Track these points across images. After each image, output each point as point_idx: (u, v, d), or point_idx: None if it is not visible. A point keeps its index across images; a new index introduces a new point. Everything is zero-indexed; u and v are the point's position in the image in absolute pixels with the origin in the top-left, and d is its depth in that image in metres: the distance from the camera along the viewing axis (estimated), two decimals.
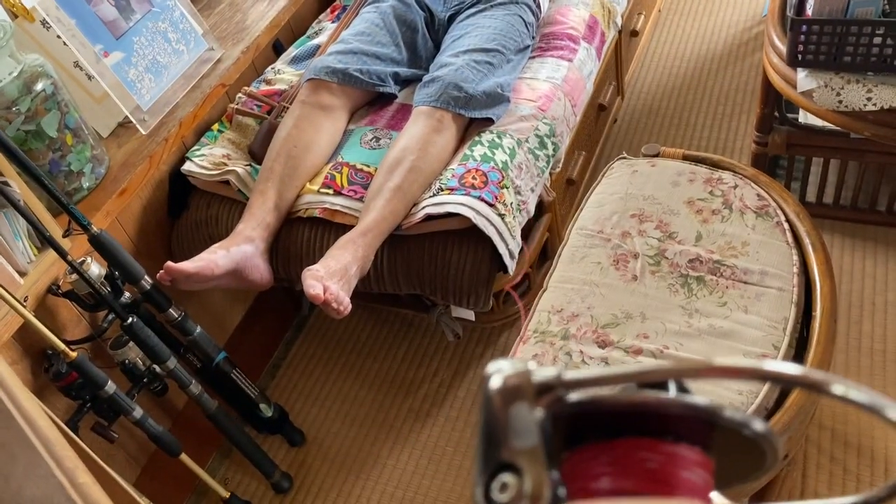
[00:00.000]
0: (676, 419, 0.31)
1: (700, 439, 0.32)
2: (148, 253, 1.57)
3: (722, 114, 2.18)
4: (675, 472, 0.31)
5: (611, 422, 0.31)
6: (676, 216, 1.25)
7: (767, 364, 0.32)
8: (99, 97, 1.56)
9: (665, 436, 0.31)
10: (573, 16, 1.83)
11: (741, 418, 0.32)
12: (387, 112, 1.68)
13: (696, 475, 0.32)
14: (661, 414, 0.31)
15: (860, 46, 1.24)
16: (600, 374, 0.32)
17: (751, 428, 0.32)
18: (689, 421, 0.31)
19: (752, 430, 0.32)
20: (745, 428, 0.32)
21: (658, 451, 0.31)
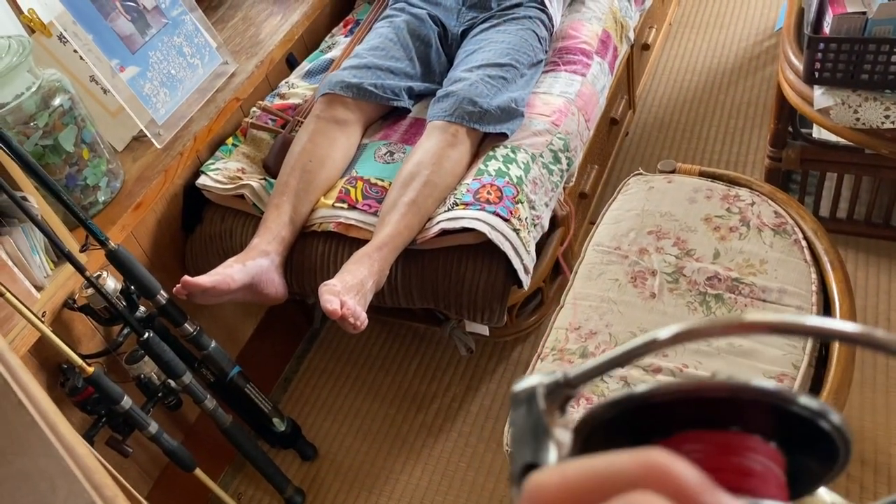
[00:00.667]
0: (740, 408, 0.28)
1: (765, 433, 0.29)
2: (162, 267, 1.57)
3: (734, 128, 2.18)
4: (752, 465, 0.28)
5: (671, 415, 0.29)
6: (694, 233, 1.25)
7: (810, 319, 0.29)
8: (114, 111, 1.57)
9: (729, 427, 0.28)
10: (586, 31, 1.83)
11: (819, 406, 0.28)
12: (400, 126, 1.69)
13: (778, 472, 0.29)
14: (724, 402, 0.28)
15: (878, 64, 1.24)
16: (604, 358, 0.30)
17: (828, 419, 0.28)
18: (755, 411, 0.28)
19: (829, 422, 0.28)
20: (822, 418, 0.28)
21: (730, 444, 0.28)
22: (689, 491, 0.20)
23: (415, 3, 1.81)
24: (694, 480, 0.20)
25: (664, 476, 0.20)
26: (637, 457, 0.21)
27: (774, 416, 0.28)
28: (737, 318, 0.29)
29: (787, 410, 0.28)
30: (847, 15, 1.23)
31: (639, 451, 0.21)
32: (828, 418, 0.28)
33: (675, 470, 0.20)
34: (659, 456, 0.21)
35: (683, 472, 0.20)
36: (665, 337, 0.30)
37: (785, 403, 0.28)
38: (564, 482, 0.20)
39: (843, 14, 1.23)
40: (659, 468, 0.20)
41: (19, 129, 1.30)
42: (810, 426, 0.28)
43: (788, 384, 1.05)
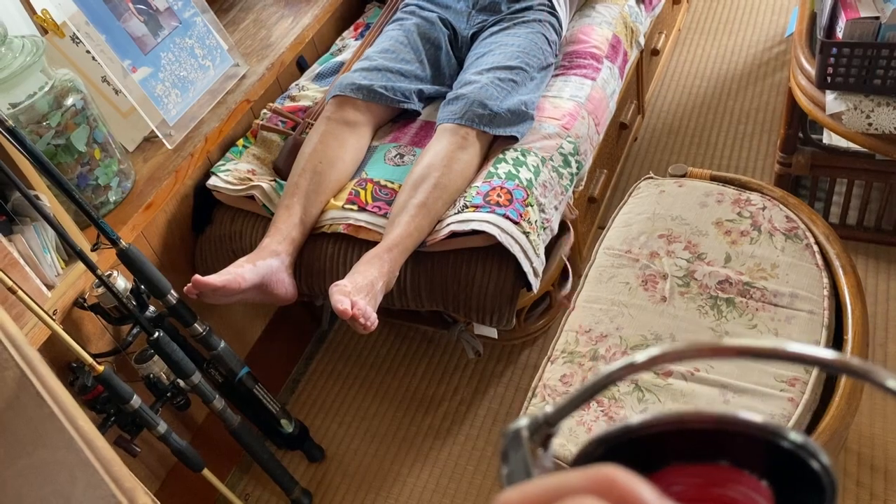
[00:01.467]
0: (726, 442, 0.28)
1: (756, 469, 0.29)
2: (172, 267, 1.57)
3: (743, 133, 2.17)
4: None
5: (664, 448, 0.29)
6: (705, 237, 1.25)
7: (790, 345, 0.28)
8: (126, 112, 1.57)
9: (716, 460, 0.28)
10: (596, 35, 1.83)
11: (812, 445, 0.28)
12: (410, 129, 1.69)
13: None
14: (715, 436, 0.28)
15: (891, 69, 1.24)
16: (580, 389, 0.31)
17: (819, 460, 0.28)
18: (745, 445, 0.28)
19: (819, 463, 0.28)
20: (814, 459, 0.28)
21: (717, 478, 0.28)
22: (633, 498, 0.21)
23: (425, 7, 1.81)
24: (639, 489, 0.21)
25: (610, 485, 0.22)
26: (588, 471, 0.22)
27: (764, 450, 0.28)
28: (712, 343, 0.29)
29: (775, 445, 0.28)
30: (860, 20, 1.23)
31: (591, 467, 0.23)
32: (816, 457, 0.28)
33: (621, 479, 0.22)
34: (608, 469, 0.22)
35: (628, 481, 0.22)
36: (642, 360, 0.31)
37: (771, 437, 0.28)
38: (523, 497, 0.22)
39: (856, 19, 1.23)
40: (605, 478, 0.22)
41: (32, 129, 1.30)
42: (797, 462, 0.28)
43: (800, 389, 1.05)
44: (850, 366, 0.28)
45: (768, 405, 1.02)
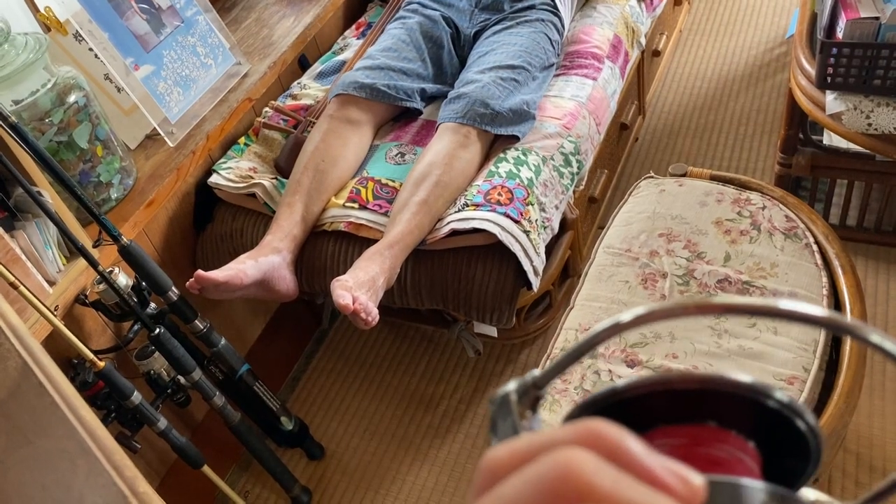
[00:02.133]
0: (717, 403, 0.28)
1: (743, 430, 0.29)
2: (173, 264, 1.58)
3: (744, 134, 2.18)
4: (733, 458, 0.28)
5: (652, 411, 0.29)
6: (705, 236, 1.25)
7: (782, 302, 0.28)
8: (128, 109, 1.58)
9: (703, 421, 0.28)
10: (598, 35, 1.84)
11: (797, 405, 0.28)
12: (412, 128, 1.69)
13: (750, 462, 0.29)
14: (703, 397, 0.28)
15: (891, 70, 1.24)
16: (568, 350, 0.31)
17: (805, 419, 0.28)
18: (732, 406, 0.28)
19: (805, 423, 0.28)
20: (799, 418, 0.28)
21: (710, 439, 0.28)
22: (619, 448, 0.21)
23: (427, 5, 1.82)
24: (625, 439, 0.22)
25: (596, 437, 0.22)
26: (575, 425, 0.22)
27: (751, 412, 0.28)
28: (698, 300, 0.29)
29: (762, 406, 0.28)
30: (860, 20, 1.23)
31: (578, 422, 0.23)
32: (802, 416, 0.28)
33: (607, 431, 0.22)
34: (594, 423, 0.22)
35: (615, 432, 0.22)
36: (627, 319, 0.30)
37: (756, 395, 0.28)
38: (511, 451, 0.22)
39: (856, 19, 1.23)
40: (592, 431, 0.22)
41: (34, 126, 1.31)
42: (784, 424, 0.28)
43: (798, 387, 1.05)
44: (837, 322, 0.28)
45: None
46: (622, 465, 0.21)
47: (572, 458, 0.20)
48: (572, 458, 0.20)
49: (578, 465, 0.20)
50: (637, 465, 0.21)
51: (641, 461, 0.21)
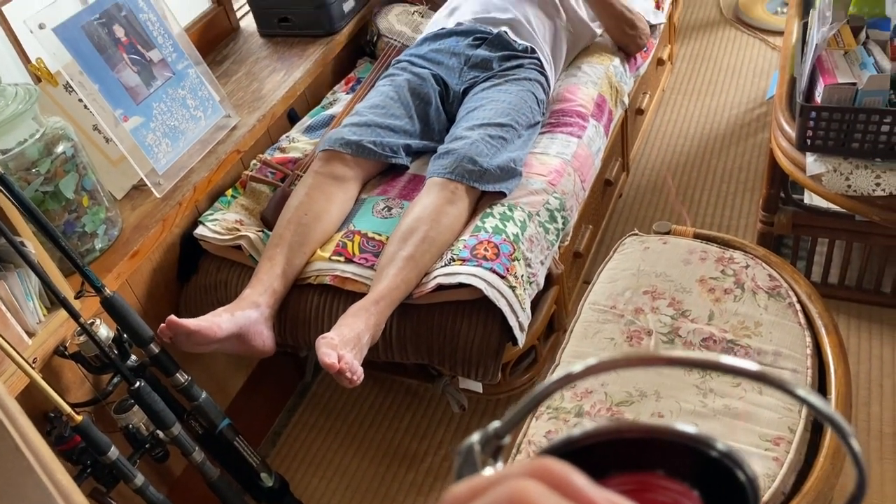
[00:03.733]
0: (661, 453, 0.30)
1: (686, 478, 0.31)
2: (156, 316, 1.56)
3: (726, 192, 2.21)
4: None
5: (609, 459, 0.31)
6: (689, 294, 1.26)
7: (723, 358, 0.32)
8: (116, 160, 1.58)
9: (652, 469, 0.30)
10: (582, 94, 1.87)
11: (736, 455, 0.30)
12: (399, 182, 1.71)
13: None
14: (645, 445, 0.31)
15: (868, 133, 1.27)
16: (525, 401, 0.33)
17: (744, 470, 0.30)
18: (675, 456, 0.30)
19: (745, 474, 0.30)
20: (739, 469, 0.30)
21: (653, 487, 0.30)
22: (564, 480, 0.24)
23: (417, 63, 1.85)
24: (570, 473, 0.24)
25: (545, 471, 0.24)
26: (526, 462, 0.25)
27: (696, 462, 0.30)
28: (642, 353, 0.32)
29: (706, 456, 0.30)
30: (838, 85, 1.26)
31: (530, 460, 0.26)
32: (741, 467, 0.29)
33: (554, 466, 0.25)
34: (543, 459, 0.25)
35: (562, 468, 0.25)
36: (578, 370, 0.33)
37: (699, 446, 0.30)
38: (470, 485, 0.25)
39: (833, 84, 1.27)
40: (541, 466, 0.25)
41: (21, 175, 1.30)
42: (726, 474, 0.30)
43: (784, 448, 1.05)
44: (765, 376, 0.31)
45: (753, 465, 1.02)
46: (567, 495, 0.24)
47: (523, 487, 0.23)
48: (523, 487, 0.23)
49: (527, 492, 0.23)
50: (580, 495, 0.24)
51: (584, 491, 0.24)
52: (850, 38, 1.34)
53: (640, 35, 2.02)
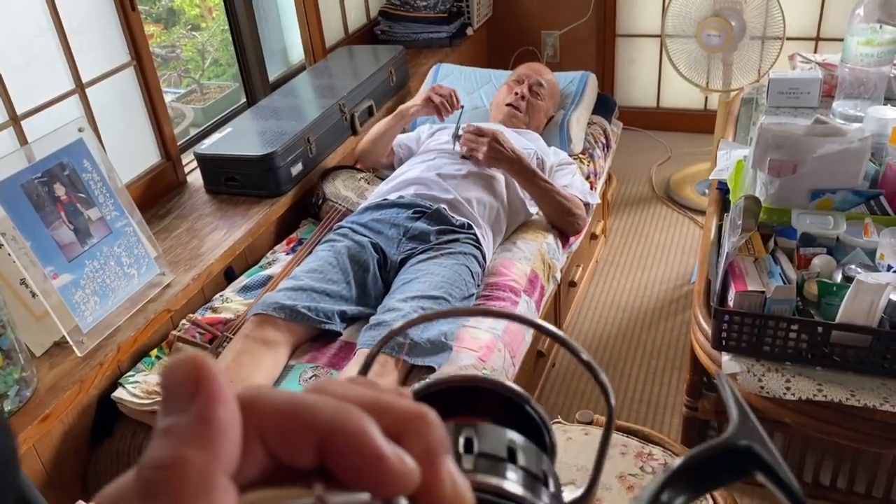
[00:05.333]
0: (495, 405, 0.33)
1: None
2: (61, 483, 1.48)
3: (655, 368, 2.26)
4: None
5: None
6: (608, 491, 1.26)
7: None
8: (39, 315, 1.55)
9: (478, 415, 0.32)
10: (516, 269, 1.93)
11: (544, 416, 0.33)
12: (329, 349, 1.70)
13: None
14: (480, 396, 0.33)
15: (777, 339, 1.33)
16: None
17: (531, 405, 0.33)
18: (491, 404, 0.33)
19: (532, 408, 0.33)
20: (526, 403, 0.33)
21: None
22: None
23: (357, 231, 1.90)
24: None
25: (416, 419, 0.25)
26: (411, 404, 0.26)
27: (515, 414, 0.33)
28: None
29: (525, 414, 0.33)
30: (748, 292, 1.33)
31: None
32: (530, 403, 0.33)
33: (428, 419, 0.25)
34: (428, 412, 0.25)
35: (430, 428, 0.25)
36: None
37: (519, 399, 0.33)
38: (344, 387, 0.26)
39: (744, 291, 1.34)
40: (420, 413, 0.25)
41: None
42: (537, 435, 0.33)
43: None
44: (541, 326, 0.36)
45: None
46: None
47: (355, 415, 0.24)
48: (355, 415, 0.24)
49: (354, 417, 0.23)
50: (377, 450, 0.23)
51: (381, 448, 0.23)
52: (759, 246, 1.43)
53: (577, 221, 2.12)
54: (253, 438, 0.23)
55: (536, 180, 2.04)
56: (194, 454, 0.21)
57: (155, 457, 0.21)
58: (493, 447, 0.29)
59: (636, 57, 3.61)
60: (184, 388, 0.22)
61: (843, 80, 1.99)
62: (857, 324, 1.29)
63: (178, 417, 0.21)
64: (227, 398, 0.22)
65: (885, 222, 1.48)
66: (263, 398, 0.23)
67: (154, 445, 0.21)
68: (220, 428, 0.21)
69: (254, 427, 0.23)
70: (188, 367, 0.22)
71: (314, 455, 0.23)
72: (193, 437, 0.21)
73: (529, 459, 0.29)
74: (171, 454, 0.21)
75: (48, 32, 1.74)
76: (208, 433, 0.21)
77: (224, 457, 0.21)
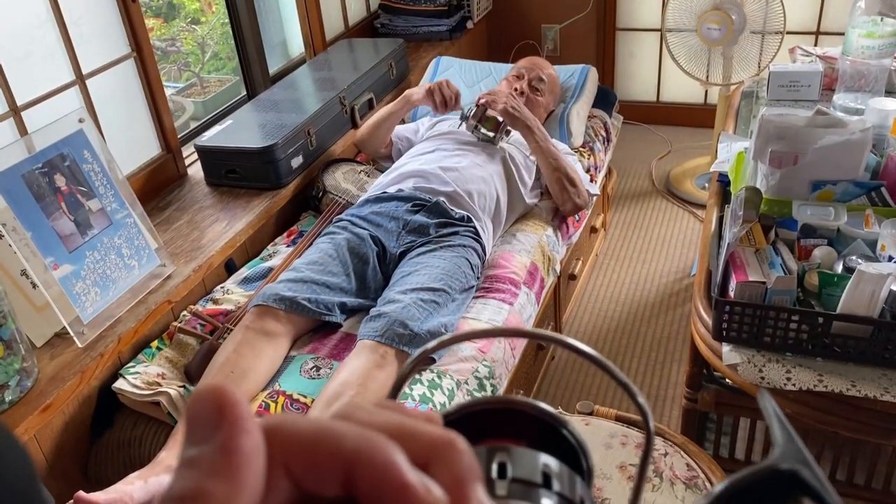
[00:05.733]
0: (527, 425, 0.32)
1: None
2: (62, 474, 1.48)
3: (655, 361, 2.26)
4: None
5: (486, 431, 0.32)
6: (609, 481, 1.26)
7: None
8: (40, 306, 1.55)
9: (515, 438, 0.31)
10: (516, 262, 1.93)
11: (582, 440, 0.31)
12: (330, 340, 1.70)
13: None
14: (515, 419, 0.32)
15: (778, 329, 1.33)
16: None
17: (568, 429, 0.31)
18: (534, 428, 0.32)
19: (569, 432, 0.31)
20: (563, 428, 0.31)
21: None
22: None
23: (357, 223, 1.90)
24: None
25: (445, 447, 0.24)
26: (438, 430, 0.25)
27: (551, 441, 0.32)
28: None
29: (560, 436, 0.32)
30: (749, 283, 1.33)
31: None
32: (567, 427, 0.31)
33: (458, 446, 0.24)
34: (456, 439, 0.25)
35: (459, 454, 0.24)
36: (432, 345, 0.35)
37: (554, 423, 0.31)
38: (364, 412, 0.25)
39: (745, 282, 1.34)
40: (448, 440, 0.24)
41: None
42: (575, 462, 0.31)
43: None
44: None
45: None
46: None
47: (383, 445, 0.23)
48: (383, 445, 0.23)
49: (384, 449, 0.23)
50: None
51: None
52: (760, 237, 1.43)
53: (579, 193, 2.10)
54: (277, 468, 0.22)
55: (547, 144, 2.08)
56: (216, 486, 0.20)
57: (176, 488, 0.20)
58: (527, 472, 0.28)
59: (636, 51, 3.60)
60: (207, 418, 0.22)
61: (844, 72, 1.99)
62: (857, 314, 1.29)
63: (201, 448, 0.21)
64: (251, 428, 0.22)
65: (885, 213, 1.48)
66: (288, 427, 0.23)
67: (176, 477, 0.21)
68: (242, 459, 0.21)
69: (278, 456, 0.22)
70: (211, 397, 0.22)
71: (340, 485, 0.22)
72: (215, 468, 0.21)
73: (564, 485, 0.29)
74: (192, 486, 0.20)
75: (48, 24, 1.74)
76: (231, 464, 0.21)
77: (247, 488, 0.21)
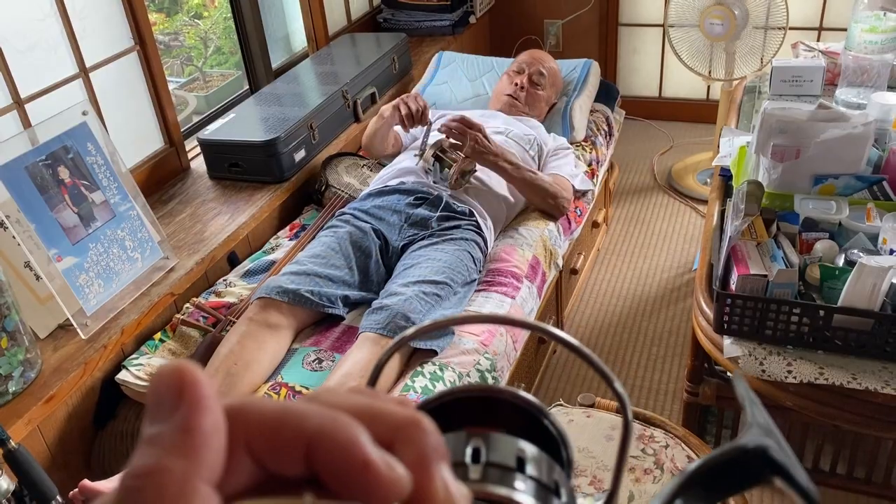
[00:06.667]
0: (507, 415, 0.32)
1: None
2: (65, 465, 1.49)
3: (656, 355, 2.26)
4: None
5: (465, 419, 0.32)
6: (610, 472, 1.26)
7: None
8: (44, 298, 1.56)
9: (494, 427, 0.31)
10: (518, 256, 1.94)
11: (562, 428, 0.32)
12: (332, 333, 1.71)
13: None
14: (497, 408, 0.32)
15: (780, 322, 1.34)
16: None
17: (548, 417, 0.31)
18: (516, 420, 0.32)
19: (549, 420, 0.31)
20: (542, 415, 0.32)
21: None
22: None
23: (359, 217, 1.90)
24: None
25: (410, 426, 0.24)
26: (406, 411, 0.25)
27: (533, 427, 0.32)
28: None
29: (539, 421, 0.32)
30: (750, 276, 1.34)
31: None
32: (548, 417, 0.31)
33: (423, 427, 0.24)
34: (423, 420, 0.25)
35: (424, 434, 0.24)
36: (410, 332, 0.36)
37: (535, 411, 0.32)
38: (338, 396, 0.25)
39: (746, 275, 1.34)
40: (415, 421, 0.24)
41: None
42: (553, 446, 0.32)
43: None
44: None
45: None
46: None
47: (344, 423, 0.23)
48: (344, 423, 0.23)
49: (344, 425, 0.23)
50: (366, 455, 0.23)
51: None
52: (762, 230, 1.44)
53: (561, 203, 2.07)
54: (240, 447, 0.22)
55: (518, 173, 1.99)
56: (174, 463, 0.20)
57: (135, 466, 0.21)
58: (502, 457, 0.28)
59: (639, 46, 3.60)
60: (168, 397, 0.22)
61: (847, 67, 1.99)
62: (858, 307, 1.30)
63: (162, 426, 0.21)
64: (211, 407, 0.22)
65: (887, 207, 1.48)
66: (250, 407, 0.23)
67: (137, 455, 0.21)
68: (201, 436, 0.21)
69: (241, 436, 0.22)
70: (173, 376, 0.22)
71: (303, 464, 0.22)
72: (174, 446, 0.21)
73: (540, 469, 0.29)
74: (150, 463, 0.20)
75: (52, 16, 1.74)
76: (189, 442, 0.21)
77: (206, 465, 0.21)
